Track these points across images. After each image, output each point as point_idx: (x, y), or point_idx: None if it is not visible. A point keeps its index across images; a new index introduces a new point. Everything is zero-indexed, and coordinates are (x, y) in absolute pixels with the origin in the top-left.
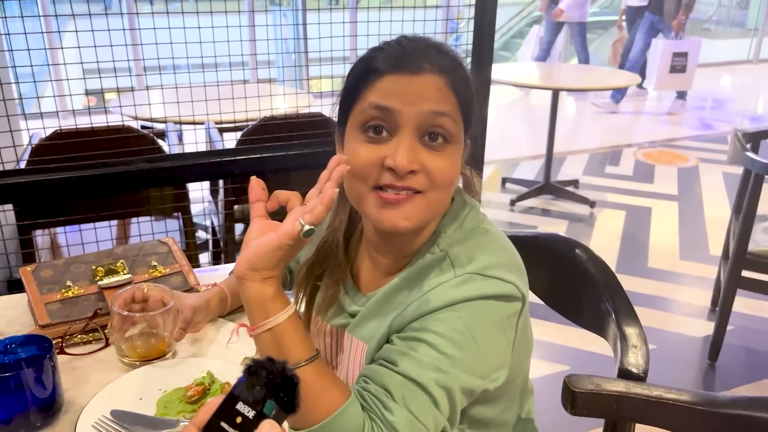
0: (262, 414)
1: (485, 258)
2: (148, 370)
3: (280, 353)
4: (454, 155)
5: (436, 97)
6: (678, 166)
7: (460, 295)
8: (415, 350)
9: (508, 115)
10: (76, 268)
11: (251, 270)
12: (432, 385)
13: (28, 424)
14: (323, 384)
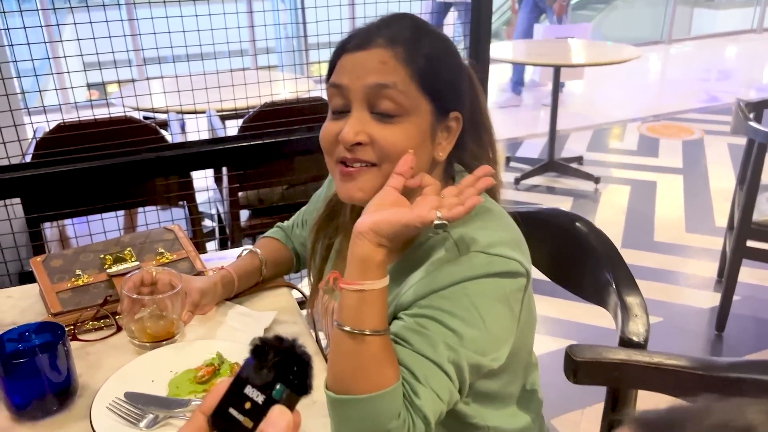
0: (272, 399)
1: (488, 236)
2: (159, 353)
3: (358, 316)
4: (408, 126)
5: (381, 69)
6: (683, 139)
7: (464, 273)
8: (426, 328)
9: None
10: (85, 257)
11: (373, 232)
12: (445, 362)
13: (45, 408)
14: (384, 359)
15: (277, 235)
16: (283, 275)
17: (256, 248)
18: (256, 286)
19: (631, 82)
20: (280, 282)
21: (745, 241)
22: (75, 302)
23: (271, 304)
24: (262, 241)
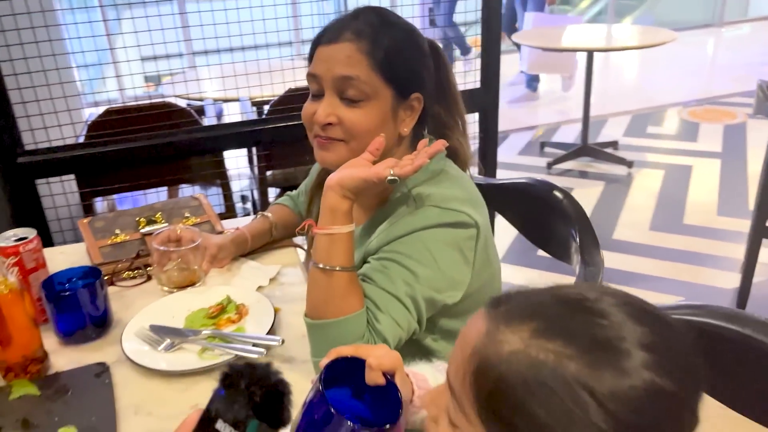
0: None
1: (442, 193)
2: (180, 295)
3: (329, 255)
4: (371, 109)
5: (347, 62)
6: (724, 123)
7: (420, 223)
8: (387, 268)
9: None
10: (123, 219)
11: (339, 185)
12: (403, 296)
13: (86, 336)
14: (350, 290)
15: (286, 202)
16: (291, 237)
17: (267, 213)
18: (267, 245)
19: (676, 66)
20: (287, 242)
21: (765, 221)
22: (113, 255)
23: (278, 260)
24: (273, 207)
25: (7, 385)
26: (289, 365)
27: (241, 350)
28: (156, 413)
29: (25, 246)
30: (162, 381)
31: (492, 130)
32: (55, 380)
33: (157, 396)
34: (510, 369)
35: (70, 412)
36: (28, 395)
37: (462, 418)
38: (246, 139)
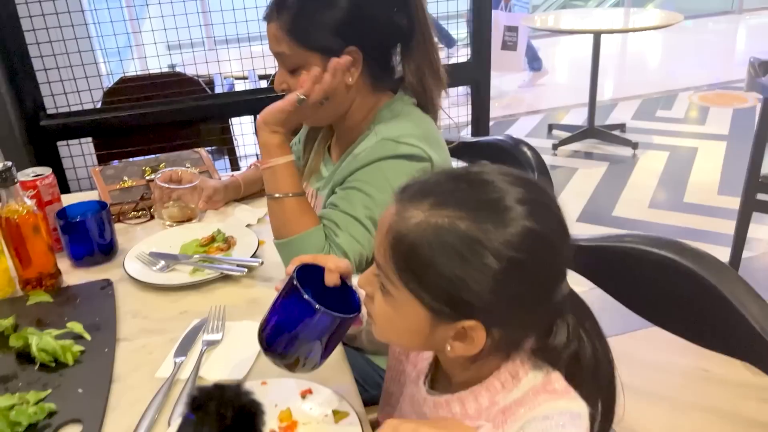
0: None
1: (399, 130)
2: (177, 229)
3: (275, 185)
4: None
5: (274, 41)
6: (734, 107)
7: (378, 155)
8: (349, 194)
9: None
10: (131, 168)
11: (264, 123)
12: (363, 217)
13: (95, 260)
14: (301, 211)
15: None
16: None
17: (259, 163)
18: (259, 193)
19: (692, 52)
20: None
21: (754, 195)
22: (121, 198)
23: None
24: None
25: (24, 294)
26: (268, 284)
27: (227, 269)
28: (150, 317)
29: (42, 181)
30: (157, 294)
31: (484, 103)
32: (66, 291)
33: (152, 305)
34: (417, 236)
35: (77, 314)
36: (43, 302)
37: (390, 285)
38: (252, 107)
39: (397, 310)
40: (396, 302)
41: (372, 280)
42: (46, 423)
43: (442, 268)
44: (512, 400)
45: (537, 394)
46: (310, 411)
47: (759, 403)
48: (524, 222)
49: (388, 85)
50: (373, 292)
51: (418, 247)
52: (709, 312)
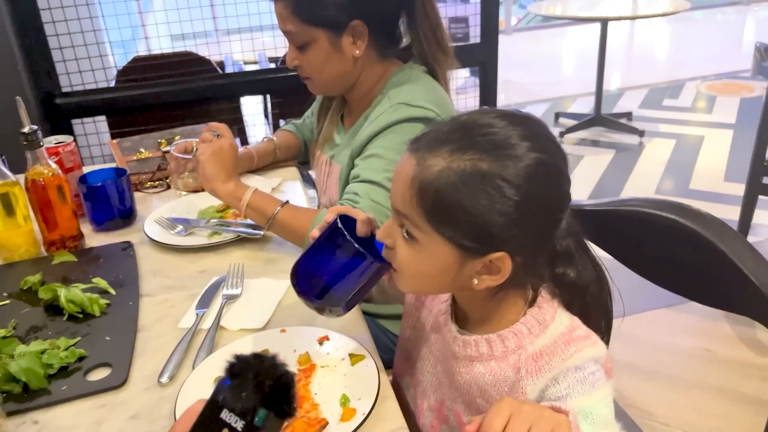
0: (252, 426)
1: (412, 93)
2: (193, 197)
3: (263, 214)
4: (314, 52)
5: (281, 21)
6: (741, 96)
7: (392, 118)
8: (369, 163)
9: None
10: (147, 141)
11: (207, 183)
12: (383, 181)
13: (115, 225)
14: (298, 213)
15: (290, 128)
16: (293, 158)
17: (273, 136)
18: (271, 165)
19: (700, 42)
20: (289, 163)
21: (759, 178)
22: (138, 168)
23: (280, 175)
24: (278, 132)
25: (49, 255)
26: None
27: (244, 231)
28: (171, 275)
29: (65, 148)
30: (176, 255)
31: (492, 85)
32: (89, 252)
33: (171, 264)
34: (443, 182)
35: (101, 272)
36: (67, 261)
37: (417, 231)
38: (260, 87)
39: (424, 254)
40: (423, 247)
41: (392, 232)
42: (77, 366)
43: (470, 208)
44: (541, 347)
45: (567, 344)
46: (328, 355)
47: (761, 382)
48: (534, 154)
49: (396, 54)
50: (393, 243)
51: (445, 192)
52: (711, 270)
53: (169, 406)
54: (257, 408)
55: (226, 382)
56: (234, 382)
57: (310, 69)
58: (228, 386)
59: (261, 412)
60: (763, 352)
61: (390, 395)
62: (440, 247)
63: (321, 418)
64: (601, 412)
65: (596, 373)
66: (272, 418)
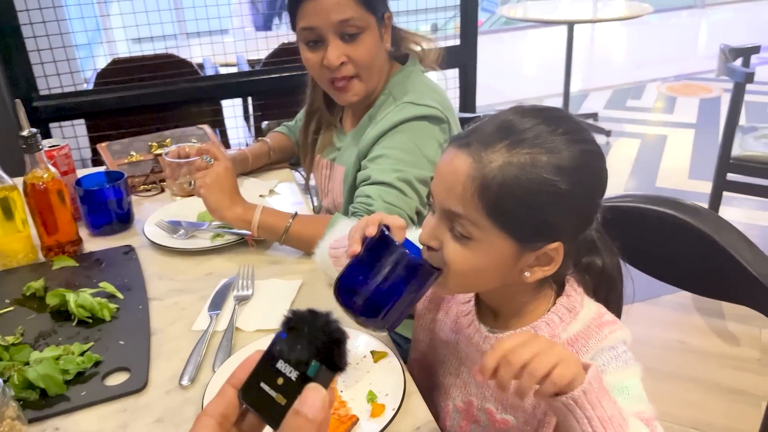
0: (306, 376)
1: (416, 92)
2: (190, 200)
3: (275, 230)
4: (368, 39)
5: (339, 9)
6: (700, 97)
7: (399, 117)
8: (379, 164)
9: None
10: (137, 144)
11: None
12: (395, 181)
13: (113, 229)
14: (310, 222)
15: (282, 130)
16: (286, 160)
17: (266, 138)
18: (265, 167)
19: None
20: (283, 165)
21: (725, 175)
22: (130, 172)
23: (275, 177)
24: (271, 134)
25: (48, 260)
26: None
27: (246, 234)
28: (177, 279)
29: (59, 151)
30: (180, 258)
31: (471, 85)
32: (90, 256)
33: (176, 268)
34: (505, 176)
35: (105, 277)
36: (68, 266)
37: (474, 228)
38: (242, 89)
39: (479, 251)
40: (478, 244)
41: (438, 233)
42: (94, 371)
43: (533, 200)
44: (576, 333)
45: (600, 327)
46: (349, 353)
47: (734, 371)
48: (579, 145)
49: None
50: (439, 244)
51: (509, 187)
52: (707, 262)
53: (193, 408)
54: (311, 360)
55: (282, 335)
56: (289, 335)
57: (364, 59)
58: (284, 339)
59: (314, 364)
60: (735, 342)
61: (415, 390)
62: (498, 242)
63: (352, 415)
64: (636, 387)
65: (627, 352)
66: (324, 371)
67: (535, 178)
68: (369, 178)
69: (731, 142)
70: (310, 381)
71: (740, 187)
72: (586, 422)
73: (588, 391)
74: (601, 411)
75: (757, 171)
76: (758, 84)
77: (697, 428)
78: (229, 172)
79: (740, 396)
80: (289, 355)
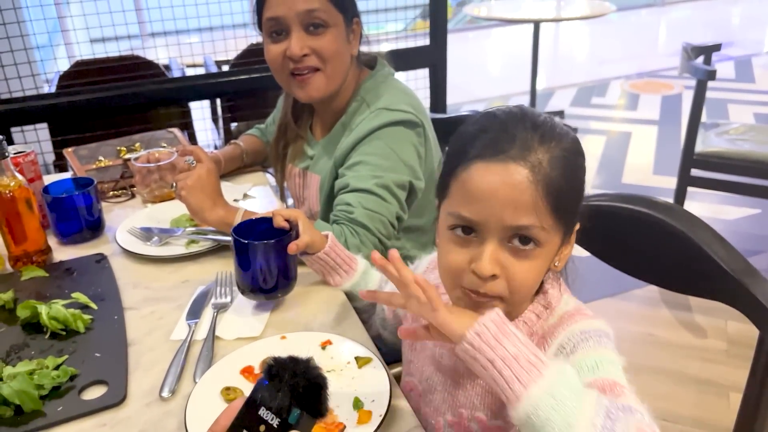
0: (287, 424)
1: (389, 97)
2: (162, 206)
3: None
4: (333, 34)
5: None
6: (662, 94)
7: (374, 124)
8: (357, 171)
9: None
10: (105, 149)
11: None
12: (374, 187)
13: (83, 237)
14: None
15: (255, 133)
16: (259, 163)
17: (239, 141)
18: (238, 170)
19: (620, 43)
20: (256, 168)
21: (689, 170)
22: (99, 177)
23: (248, 180)
24: (243, 137)
25: (16, 271)
26: None
27: (221, 240)
28: (152, 287)
29: (25, 158)
30: (154, 266)
31: (442, 85)
32: (60, 266)
33: (151, 276)
34: (557, 170)
35: (76, 287)
36: (38, 277)
37: (543, 233)
38: (211, 90)
39: (540, 257)
40: (541, 249)
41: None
42: (70, 385)
43: (579, 186)
44: (549, 326)
45: (572, 316)
46: (332, 359)
47: (701, 363)
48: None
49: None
50: (503, 271)
51: (564, 179)
52: (680, 259)
53: (174, 420)
54: (292, 407)
55: (264, 382)
56: (271, 383)
57: (328, 52)
58: (266, 386)
59: (295, 411)
60: (701, 334)
61: (400, 395)
62: (556, 239)
63: (338, 423)
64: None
65: (603, 338)
66: (305, 417)
67: (572, 163)
68: (348, 185)
69: (694, 138)
70: (291, 428)
71: (704, 182)
72: (490, 366)
73: (482, 332)
74: (502, 351)
75: (720, 166)
76: (719, 81)
77: (666, 419)
78: (212, 174)
79: (708, 387)
80: (270, 403)
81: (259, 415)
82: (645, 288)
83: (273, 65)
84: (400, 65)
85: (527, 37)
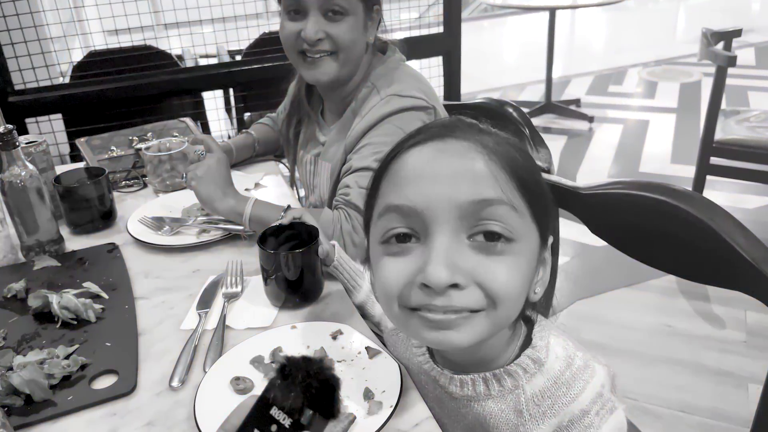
0: (299, 424)
1: (400, 84)
2: (174, 195)
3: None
4: (351, 22)
5: None
6: (681, 81)
7: (385, 110)
8: (360, 153)
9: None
10: (118, 138)
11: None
12: (372, 163)
13: (95, 227)
14: None
15: (267, 122)
16: (271, 152)
17: (250, 130)
18: (250, 159)
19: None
20: (268, 157)
21: (708, 159)
22: (111, 167)
23: (260, 169)
24: (255, 126)
25: (29, 261)
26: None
27: (232, 229)
28: (163, 276)
29: (36, 148)
30: (166, 255)
31: (456, 73)
32: (72, 256)
33: (162, 265)
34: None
35: (88, 276)
36: (50, 266)
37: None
38: (224, 80)
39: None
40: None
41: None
42: (80, 375)
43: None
44: (541, 388)
45: (570, 384)
46: (343, 349)
47: (720, 354)
48: None
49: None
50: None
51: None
52: (700, 248)
53: (184, 410)
54: (304, 408)
55: (277, 381)
56: (284, 382)
57: (343, 41)
58: (278, 385)
59: (307, 412)
60: (719, 324)
61: (412, 386)
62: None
63: (348, 413)
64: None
65: (600, 411)
66: (318, 418)
67: (522, 148)
68: (351, 168)
69: (714, 126)
70: (303, 429)
71: (723, 170)
72: None
73: None
74: None
75: (740, 154)
76: (739, 68)
77: (684, 411)
78: (222, 163)
79: (726, 378)
80: (283, 402)
81: (270, 414)
82: (662, 278)
83: (286, 42)
84: (413, 53)
85: (543, 25)
